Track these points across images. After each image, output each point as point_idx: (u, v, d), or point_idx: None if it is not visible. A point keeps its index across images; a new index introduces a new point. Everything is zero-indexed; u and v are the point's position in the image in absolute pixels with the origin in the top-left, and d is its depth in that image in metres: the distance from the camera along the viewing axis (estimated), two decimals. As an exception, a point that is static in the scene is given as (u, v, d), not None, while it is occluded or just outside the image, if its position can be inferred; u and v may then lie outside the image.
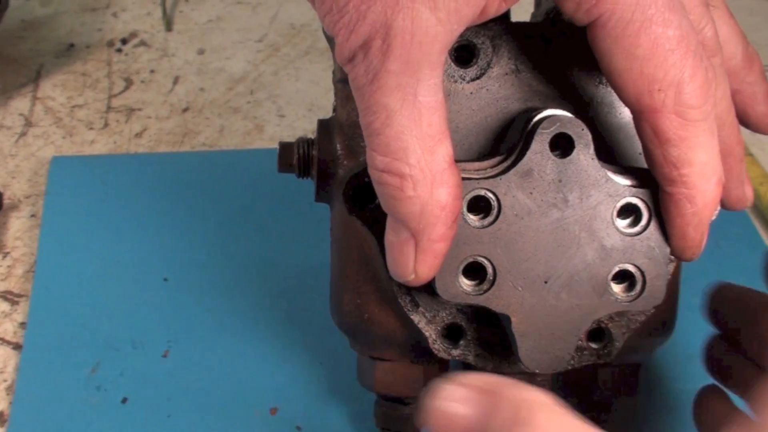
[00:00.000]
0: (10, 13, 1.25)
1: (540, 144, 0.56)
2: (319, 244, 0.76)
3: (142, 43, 1.29)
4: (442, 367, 0.72)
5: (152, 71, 1.24)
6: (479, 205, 0.57)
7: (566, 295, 0.58)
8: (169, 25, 1.32)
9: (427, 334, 0.63)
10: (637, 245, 0.57)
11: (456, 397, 0.50)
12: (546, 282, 0.57)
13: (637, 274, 0.58)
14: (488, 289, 0.57)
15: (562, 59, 0.61)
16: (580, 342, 0.63)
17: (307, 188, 0.68)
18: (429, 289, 0.59)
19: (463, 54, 0.61)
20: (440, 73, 0.51)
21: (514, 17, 0.61)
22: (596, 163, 0.56)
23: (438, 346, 0.63)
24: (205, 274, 0.94)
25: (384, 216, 0.56)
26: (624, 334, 0.63)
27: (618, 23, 0.50)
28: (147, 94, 1.20)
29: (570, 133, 0.56)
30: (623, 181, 0.57)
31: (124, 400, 0.81)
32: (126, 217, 1.00)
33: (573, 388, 0.74)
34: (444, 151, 0.52)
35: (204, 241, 0.97)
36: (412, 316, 0.63)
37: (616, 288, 0.59)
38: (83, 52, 1.27)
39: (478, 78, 0.61)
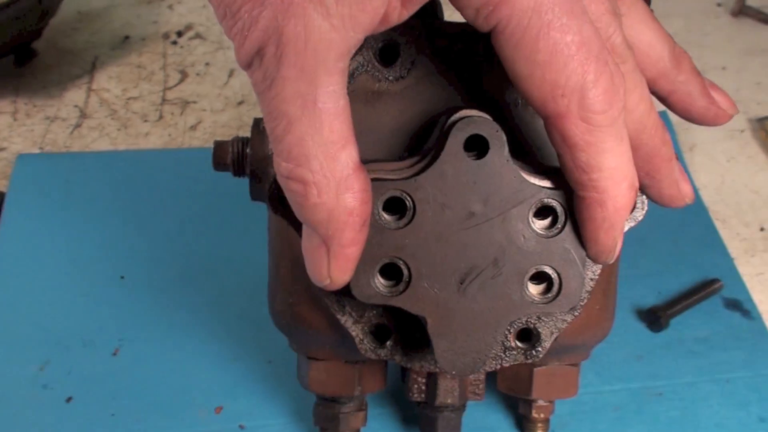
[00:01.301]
0: (66, 5, 1.26)
1: (454, 145, 0.55)
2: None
3: (198, 36, 1.30)
4: (378, 366, 0.72)
5: (207, 64, 1.24)
6: (395, 206, 0.56)
7: (482, 297, 0.57)
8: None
9: (353, 334, 0.63)
10: (553, 247, 0.57)
11: None
12: (461, 283, 0.57)
13: (554, 276, 0.57)
14: (404, 290, 0.57)
15: (488, 59, 0.61)
16: (507, 342, 0.63)
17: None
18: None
19: (387, 53, 0.61)
20: (340, 79, 0.50)
21: (451, 18, 0.61)
22: (511, 165, 0.56)
23: (365, 346, 0.63)
24: (163, 271, 0.94)
25: None
26: (552, 334, 0.63)
27: (516, 29, 0.49)
28: (202, 86, 1.20)
29: (484, 134, 0.55)
30: (540, 183, 0.56)
31: (69, 399, 0.81)
32: (88, 215, 1.00)
33: (511, 386, 0.74)
34: (347, 156, 0.51)
35: (164, 239, 0.97)
36: (338, 317, 0.62)
37: (534, 290, 0.58)
38: (139, 44, 1.27)
39: (402, 77, 0.61)
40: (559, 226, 0.56)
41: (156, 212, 1.00)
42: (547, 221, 0.57)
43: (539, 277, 0.58)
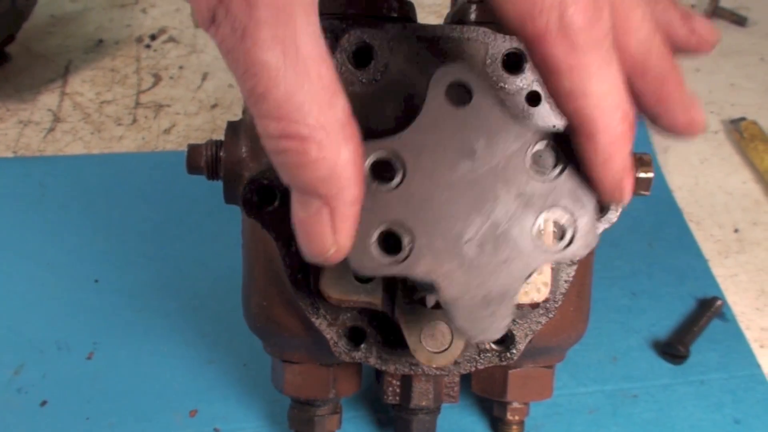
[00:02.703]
0: (39, 9, 1.25)
1: (436, 96, 0.51)
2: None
3: (171, 39, 1.29)
4: (353, 369, 0.72)
5: (181, 67, 1.24)
6: (384, 170, 0.51)
7: (492, 253, 0.50)
8: (198, 22, 1.32)
9: (328, 336, 0.63)
10: (559, 187, 0.51)
11: None
12: (467, 241, 0.50)
13: (565, 218, 0.51)
14: (407, 256, 0.50)
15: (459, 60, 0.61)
16: (481, 344, 0.63)
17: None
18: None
19: (360, 56, 0.61)
20: (317, 19, 0.45)
21: (424, 20, 0.61)
22: (498, 108, 0.50)
23: (339, 349, 0.63)
24: (137, 275, 0.94)
25: (283, 218, 0.55)
26: (527, 336, 0.63)
27: None
28: (176, 90, 1.20)
29: (466, 80, 0.51)
30: (534, 123, 0.53)
31: (44, 403, 0.81)
32: (62, 219, 0.99)
33: (486, 388, 0.74)
34: (342, 102, 0.46)
35: (138, 242, 0.97)
36: (313, 319, 0.62)
37: (546, 240, 0.51)
38: (112, 48, 1.27)
39: (375, 80, 0.61)
40: (561, 166, 0.51)
41: (130, 216, 1.00)
42: (548, 162, 0.52)
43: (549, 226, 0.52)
